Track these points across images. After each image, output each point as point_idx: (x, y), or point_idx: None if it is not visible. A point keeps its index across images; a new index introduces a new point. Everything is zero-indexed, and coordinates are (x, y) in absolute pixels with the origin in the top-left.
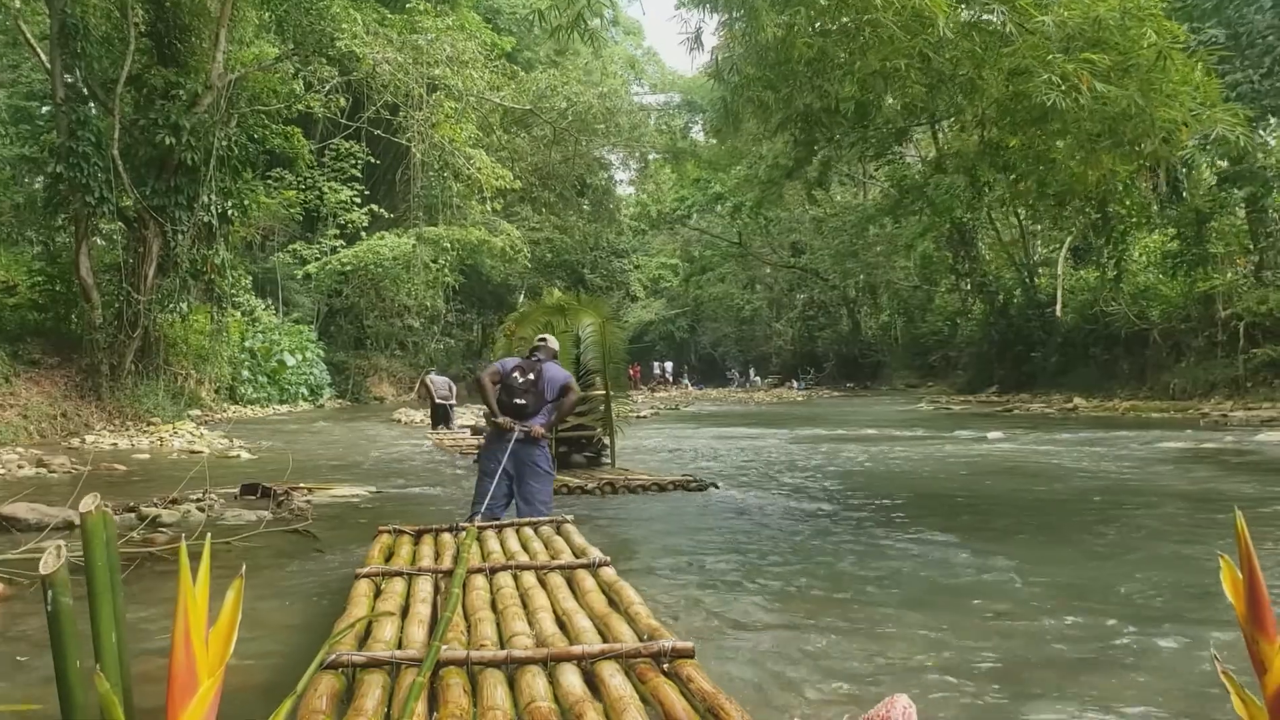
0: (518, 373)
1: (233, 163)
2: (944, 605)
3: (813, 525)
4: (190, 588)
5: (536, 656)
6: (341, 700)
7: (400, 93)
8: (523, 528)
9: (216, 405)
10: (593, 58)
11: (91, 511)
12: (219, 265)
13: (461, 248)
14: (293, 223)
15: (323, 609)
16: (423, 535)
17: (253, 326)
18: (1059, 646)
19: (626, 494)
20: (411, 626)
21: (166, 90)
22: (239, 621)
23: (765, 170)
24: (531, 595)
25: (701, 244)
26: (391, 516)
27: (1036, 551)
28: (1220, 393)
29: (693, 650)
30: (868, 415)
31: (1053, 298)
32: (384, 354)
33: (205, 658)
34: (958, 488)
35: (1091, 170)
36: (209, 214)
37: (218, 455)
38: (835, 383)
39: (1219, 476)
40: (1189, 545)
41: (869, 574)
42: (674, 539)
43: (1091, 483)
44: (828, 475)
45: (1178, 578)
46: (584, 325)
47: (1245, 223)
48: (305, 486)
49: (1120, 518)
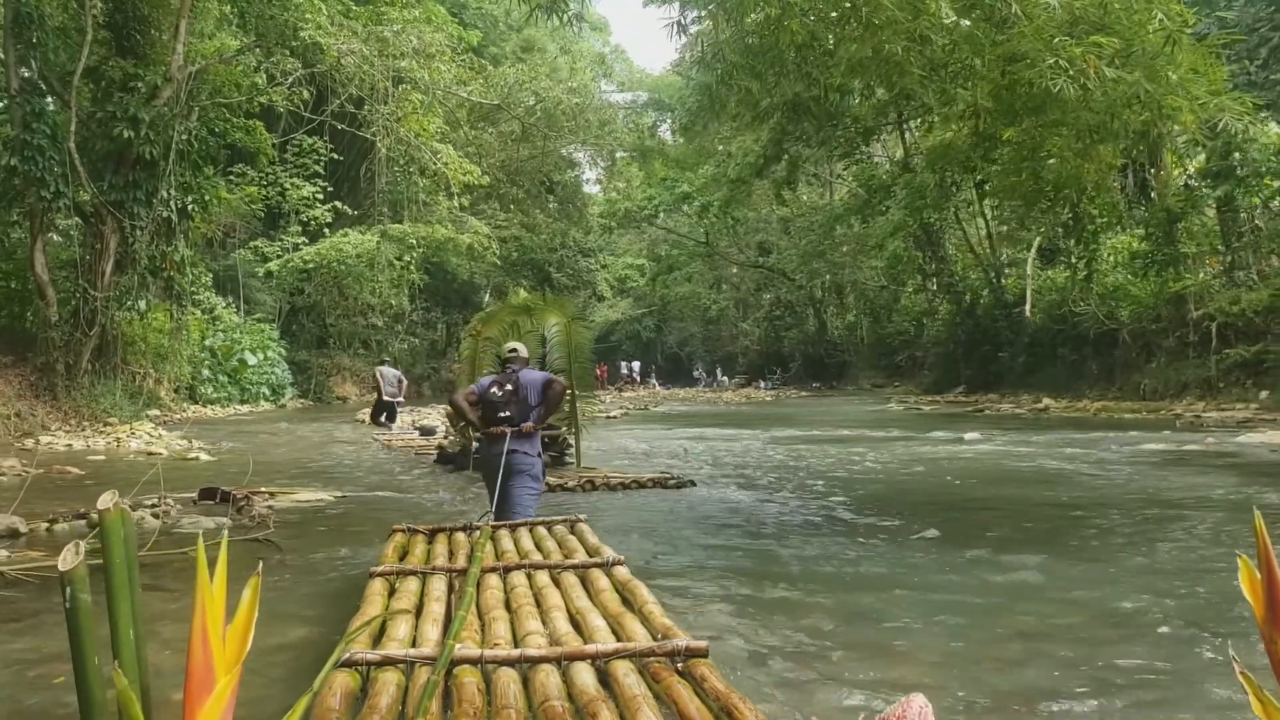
0: (495, 388)
1: (193, 157)
2: (956, 619)
3: (804, 529)
4: (207, 585)
5: (550, 655)
6: (356, 698)
7: (365, 86)
8: (536, 527)
9: (176, 405)
10: (561, 53)
11: (110, 509)
12: (178, 262)
13: (427, 245)
14: (254, 219)
15: (286, 628)
16: (436, 534)
17: (213, 325)
18: (1087, 662)
19: (606, 491)
20: (426, 625)
21: (125, 82)
22: (255, 619)
23: (735, 168)
24: (545, 594)
25: (668, 243)
26: (357, 523)
27: (1047, 561)
28: (1192, 393)
29: (707, 650)
30: (839, 415)
31: (1019, 298)
32: (347, 353)
33: (222, 655)
34: (948, 492)
35: (1088, 163)
36: (168, 209)
37: (176, 457)
38: (801, 382)
39: (1207, 479)
40: (1205, 552)
41: (870, 579)
42: (660, 538)
43: (1083, 487)
44: (812, 477)
45: (1197, 590)
46: (550, 325)
47: (1216, 222)
48: (267, 491)
49: (1123, 525)
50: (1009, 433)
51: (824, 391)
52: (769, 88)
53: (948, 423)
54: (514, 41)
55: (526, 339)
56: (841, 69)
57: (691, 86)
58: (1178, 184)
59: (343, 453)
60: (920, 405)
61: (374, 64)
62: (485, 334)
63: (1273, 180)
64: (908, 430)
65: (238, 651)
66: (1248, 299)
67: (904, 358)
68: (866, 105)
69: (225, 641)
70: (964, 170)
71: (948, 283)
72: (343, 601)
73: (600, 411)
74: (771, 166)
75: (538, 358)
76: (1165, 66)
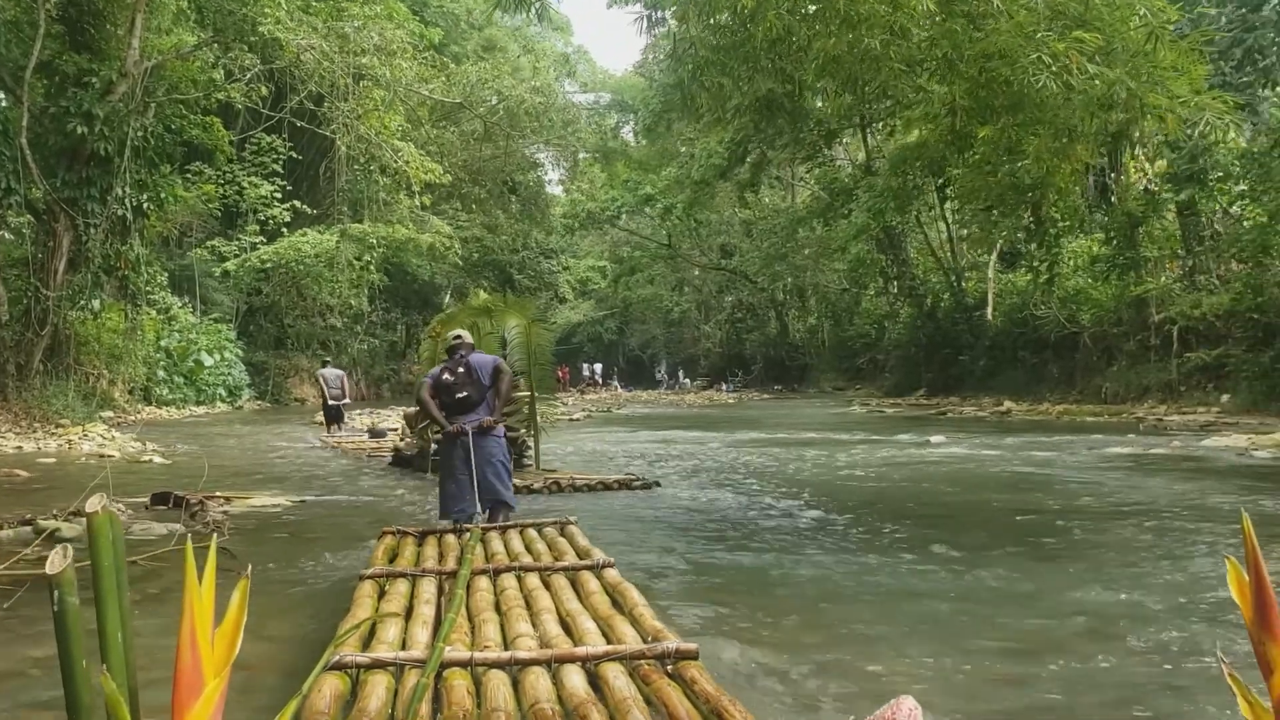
0: (447, 374)
1: (148, 154)
2: (940, 627)
3: (777, 534)
4: (196, 588)
5: (540, 658)
6: (346, 701)
7: (325, 83)
8: (526, 529)
9: (130, 406)
10: (524, 52)
11: (98, 511)
12: (133, 261)
13: (388, 245)
14: (211, 218)
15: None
16: (426, 536)
17: (169, 325)
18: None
19: (572, 492)
20: (415, 628)
21: (79, 77)
22: (244, 623)
23: (699, 170)
24: (535, 596)
25: (630, 245)
26: (315, 529)
27: (1028, 568)
28: (1153, 396)
29: (696, 652)
30: (803, 418)
31: (980, 301)
32: (305, 354)
33: (211, 658)
34: (922, 497)
35: (1065, 163)
36: (123, 207)
37: (129, 460)
38: (763, 385)
39: (1181, 484)
40: (1190, 559)
41: (847, 584)
42: (638, 542)
43: (1058, 492)
44: (782, 481)
45: (1181, 595)
46: (510, 327)
47: (1177, 227)
48: (222, 496)
49: (1103, 531)
50: (975, 436)
51: (786, 394)
52: (740, 84)
53: (912, 425)
54: (475, 40)
55: (486, 340)
56: (816, 65)
57: (655, 87)
58: (1138, 188)
59: (299, 456)
60: (883, 408)
61: (334, 60)
62: (444, 335)
63: (1235, 185)
64: (873, 433)
65: (226, 654)
66: (1209, 303)
67: (865, 360)
68: (833, 106)
69: (214, 644)
70: (933, 172)
71: (909, 286)
72: (301, 612)
73: (563, 414)
74: (736, 168)
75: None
76: (1146, 64)
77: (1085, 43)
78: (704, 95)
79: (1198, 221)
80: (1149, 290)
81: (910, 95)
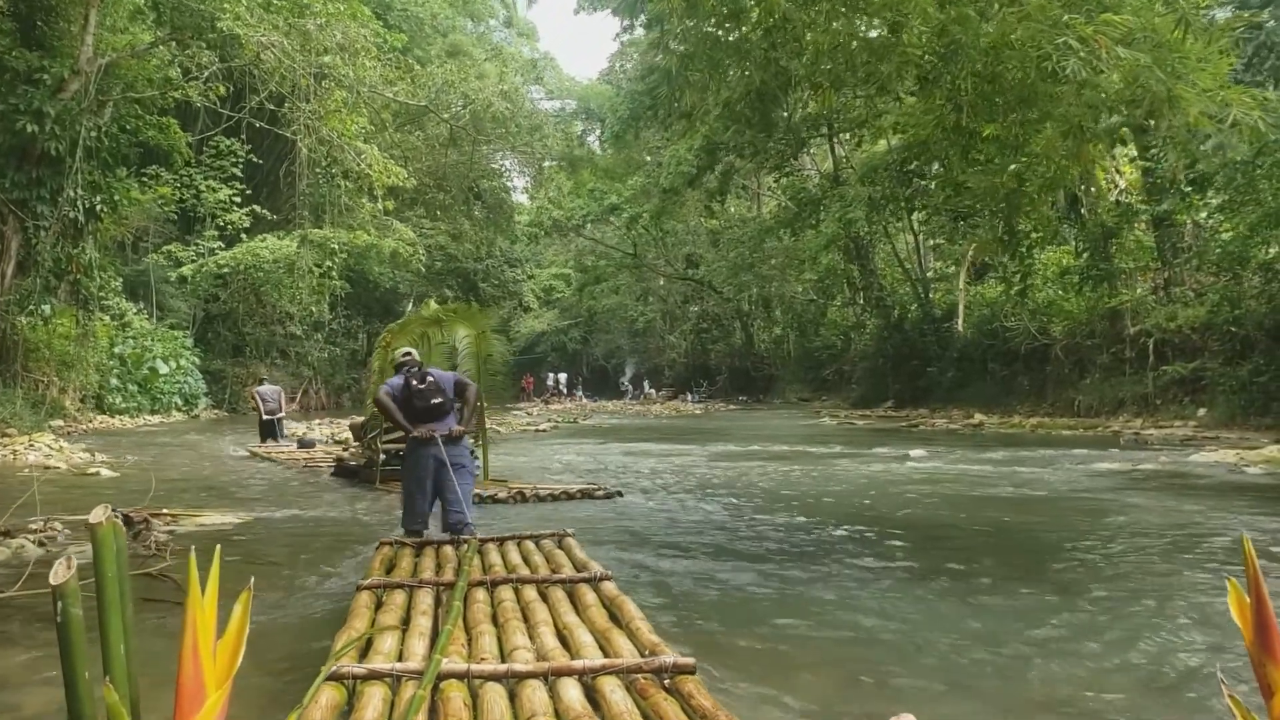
0: (414, 380)
1: (102, 155)
2: (940, 660)
3: (764, 554)
4: (199, 599)
5: (537, 671)
6: (342, 712)
7: (286, 83)
8: (524, 541)
9: (82, 415)
10: (491, 56)
11: (102, 522)
12: (86, 265)
13: (349, 252)
14: (168, 223)
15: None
16: (424, 547)
17: (123, 331)
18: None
19: (536, 502)
20: (412, 639)
21: (29, 74)
22: (246, 635)
23: (667, 178)
24: (533, 609)
25: (595, 254)
26: (268, 550)
27: (1051, 605)
28: (1129, 410)
29: (694, 666)
30: (774, 430)
31: (948, 312)
32: (264, 362)
33: (213, 669)
34: (911, 517)
35: (1075, 164)
36: (75, 209)
37: (75, 472)
38: (728, 395)
39: (1178, 503)
40: (1203, 583)
41: (863, 623)
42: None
43: (1052, 512)
44: (764, 497)
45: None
46: (460, 336)
47: (1151, 239)
48: (169, 513)
49: (1113, 557)
50: (953, 450)
51: (752, 405)
52: (728, 77)
53: (886, 439)
54: (440, 45)
55: (436, 350)
56: (813, 54)
57: (624, 94)
58: (1109, 199)
59: (251, 468)
60: (853, 420)
61: (295, 59)
62: (395, 344)
63: (1215, 196)
64: (849, 446)
65: (228, 667)
66: (1185, 315)
67: (831, 372)
68: (824, 101)
69: (216, 657)
70: (903, 182)
71: (877, 297)
72: (263, 644)
73: (529, 425)
74: (705, 176)
75: (449, 369)
76: (1172, 55)
77: (1114, 26)
78: (689, 90)
79: (1174, 233)
80: (1124, 302)
81: (911, 89)
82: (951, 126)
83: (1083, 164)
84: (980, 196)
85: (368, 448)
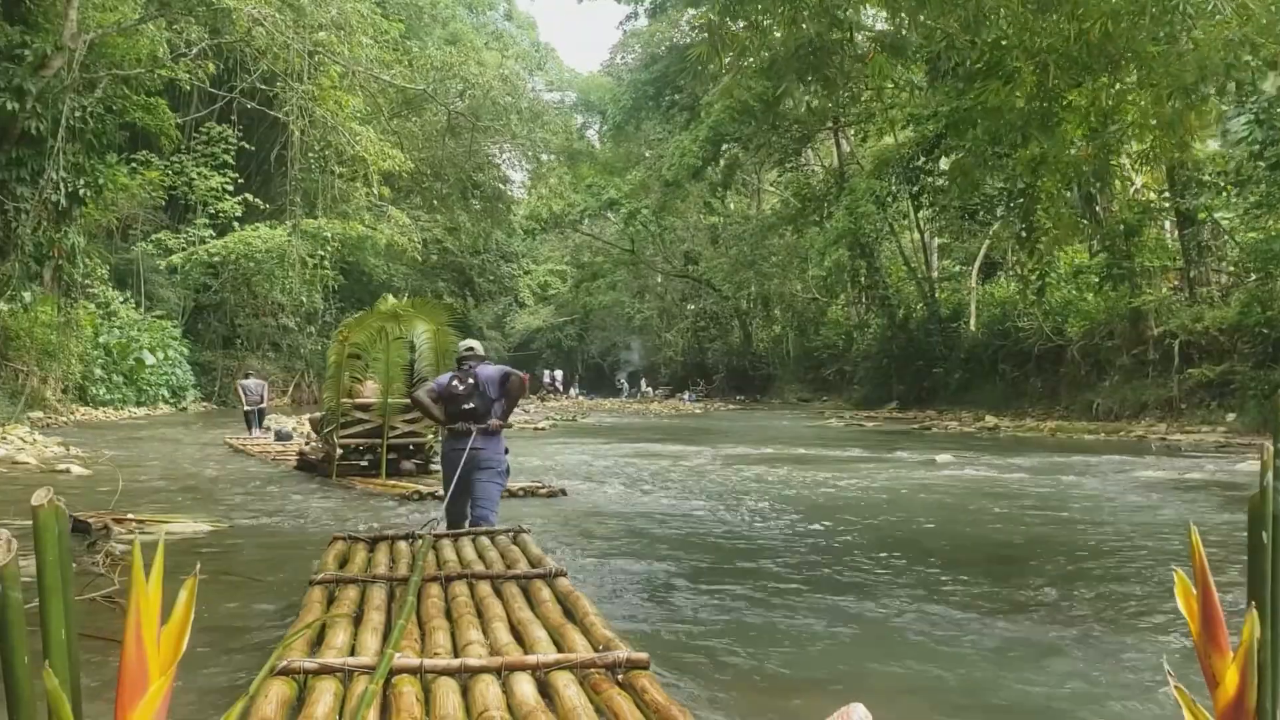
0: (456, 382)
1: (87, 136)
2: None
3: (834, 584)
4: (143, 584)
5: (491, 665)
6: (292, 707)
7: (280, 61)
8: (479, 537)
9: (63, 407)
10: (492, 39)
11: (44, 504)
12: (69, 250)
13: (343, 242)
14: (158, 211)
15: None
16: (378, 543)
17: (108, 320)
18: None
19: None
20: (365, 634)
21: (10, 50)
22: (191, 622)
23: (670, 169)
24: (487, 604)
25: (592, 250)
26: (244, 564)
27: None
28: (1151, 414)
29: (647, 661)
30: (782, 431)
31: (954, 312)
32: (255, 354)
33: (157, 656)
34: (966, 533)
35: (1173, 133)
36: (57, 192)
37: (44, 468)
38: (725, 395)
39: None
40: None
41: (969, 678)
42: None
43: (1119, 528)
44: (793, 507)
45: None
46: (418, 332)
47: (1175, 237)
48: (134, 519)
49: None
50: (980, 455)
51: (750, 404)
52: (784, 23)
53: (903, 442)
54: (439, 34)
55: (394, 346)
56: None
57: (628, 84)
58: (1124, 196)
59: (229, 464)
60: (860, 421)
61: (288, 35)
62: (353, 339)
63: (1249, 193)
64: (868, 450)
65: (172, 653)
66: (1211, 316)
67: (832, 371)
68: (876, 67)
69: (160, 643)
70: (907, 179)
71: (881, 295)
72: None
73: (527, 422)
74: (710, 166)
75: (405, 364)
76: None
77: None
78: (725, 48)
79: (1198, 231)
80: (1148, 302)
81: (993, 41)
82: (1032, 92)
83: (1182, 134)
84: (1064, 167)
85: (325, 442)
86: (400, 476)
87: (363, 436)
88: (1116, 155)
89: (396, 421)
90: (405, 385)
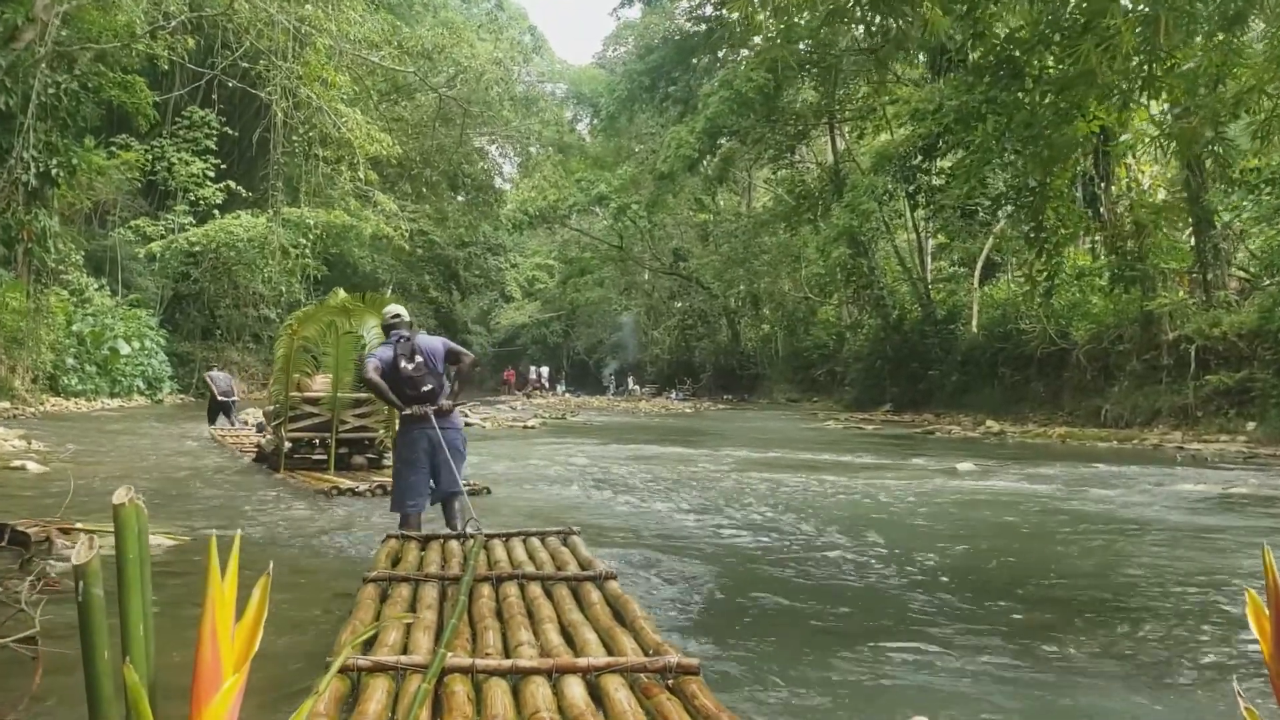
0: (403, 360)
1: (60, 114)
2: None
3: (888, 614)
4: (219, 582)
5: (541, 667)
6: (345, 704)
7: (264, 38)
8: (530, 538)
9: (33, 397)
10: (487, 21)
11: (125, 503)
12: (39, 233)
13: (326, 231)
14: (137, 197)
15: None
16: (429, 541)
17: (82, 308)
18: None
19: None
20: (417, 632)
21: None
22: (265, 619)
23: (664, 162)
24: (537, 606)
25: (580, 245)
26: (195, 584)
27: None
28: (1165, 422)
29: (698, 667)
30: (779, 433)
31: (951, 314)
32: (235, 346)
33: (231, 653)
34: (1023, 561)
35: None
36: (27, 172)
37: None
38: (712, 394)
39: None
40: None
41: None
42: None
43: (1180, 552)
44: (833, 523)
45: None
46: (368, 326)
47: (1187, 238)
48: (85, 529)
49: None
50: (1002, 463)
51: (739, 404)
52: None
53: (912, 447)
54: (430, 23)
55: (344, 340)
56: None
57: (622, 74)
58: (1128, 196)
59: (202, 460)
60: (857, 424)
61: (272, 7)
62: (302, 333)
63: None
64: (879, 456)
65: (246, 650)
66: (1229, 321)
67: (822, 372)
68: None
69: (234, 640)
70: (905, 178)
71: (876, 296)
72: None
73: (515, 420)
74: (706, 159)
75: (355, 359)
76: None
77: None
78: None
79: (1215, 233)
80: (1162, 306)
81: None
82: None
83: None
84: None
85: (275, 433)
86: (351, 471)
87: (312, 430)
88: (1227, 124)
89: (347, 416)
90: (355, 381)
